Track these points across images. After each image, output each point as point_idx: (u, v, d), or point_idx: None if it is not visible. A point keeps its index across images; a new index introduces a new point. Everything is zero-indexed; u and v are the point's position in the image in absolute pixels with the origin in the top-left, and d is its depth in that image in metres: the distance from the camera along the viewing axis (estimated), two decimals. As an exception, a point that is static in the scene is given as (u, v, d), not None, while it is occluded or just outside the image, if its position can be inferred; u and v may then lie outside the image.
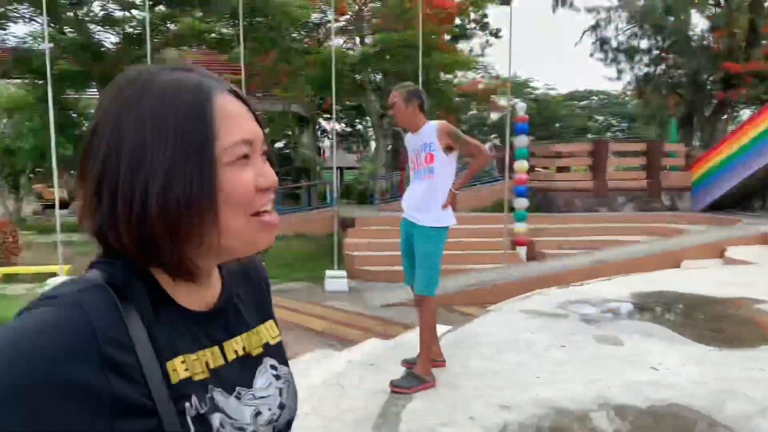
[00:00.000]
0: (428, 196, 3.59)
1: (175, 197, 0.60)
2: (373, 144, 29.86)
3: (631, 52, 22.01)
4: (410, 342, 4.57)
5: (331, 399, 3.51)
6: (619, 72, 22.78)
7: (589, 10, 22.24)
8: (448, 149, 3.57)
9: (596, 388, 3.58)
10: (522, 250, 10.71)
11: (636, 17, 20.85)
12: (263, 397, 0.72)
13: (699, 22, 21.10)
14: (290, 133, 22.70)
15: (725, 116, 22.09)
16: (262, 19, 15.84)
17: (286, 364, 0.79)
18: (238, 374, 0.71)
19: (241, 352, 0.72)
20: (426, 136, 3.59)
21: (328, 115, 23.28)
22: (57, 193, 9.90)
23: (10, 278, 10.73)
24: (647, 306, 5.94)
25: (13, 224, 12.83)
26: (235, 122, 0.65)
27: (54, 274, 9.35)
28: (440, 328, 4.54)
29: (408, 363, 3.79)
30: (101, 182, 0.62)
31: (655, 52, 21.66)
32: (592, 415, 3.25)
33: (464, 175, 3.78)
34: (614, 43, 22.34)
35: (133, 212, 0.60)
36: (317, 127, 25.35)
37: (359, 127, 30.48)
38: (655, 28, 20.68)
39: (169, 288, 0.66)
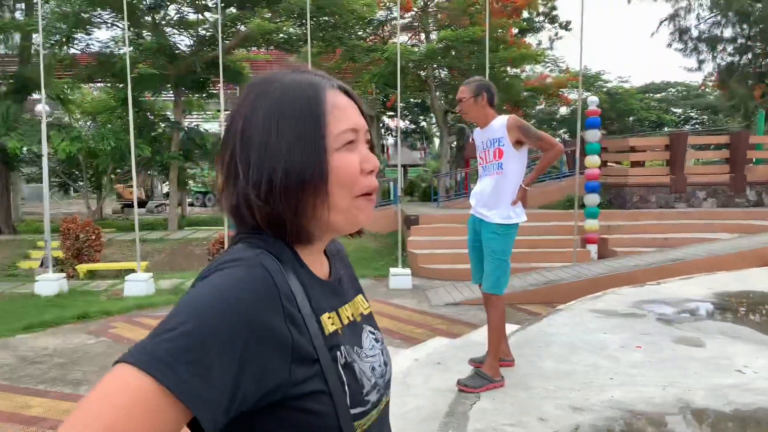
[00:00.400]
0: (497, 192, 3.49)
1: (294, 178, 0.71)
2: (437, 141, 29.74)
3: (713, 42, 20.81)
4: (476, 341, 4.49)
5: (397, 397, 3.48)
6: (700, 62, 21.62)
7: (668, -1, 21.22)
8: (518, 144, 3.46)
9: (675, 392, 3.38)
10: (593, 248, 10.34)
11: (720, 5, 19.67)
12: (373, 356, 0.82)
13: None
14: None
15: (819, 106, 20.46)
16: (328, 18, 16.05)
17: (379, 330, 0.90)
18: (352, 336, 0.80)
19: (351, 318, 0.82)
20: (495, 131, 3.50)
21: (392, 113, 23.34)
22: (135, 193, 10.40)
23: (92, 274, 11.39)
24: (731, 306, 5.59)
25: (96, 223, 13.58)
26: (343, 113, 0.75)
27: (132, 270, 9.84)
28: (508, 328, 4.44)
29: (475, 362, 3.71)
30: (236, 167, 0.73)
31: (741, 40, 20.38)
32: (670, 419, 3.07)
33: (534, 170, 3.65)
34: (695, 33, 21.22)
35: (262, 191, 0.71)
36: (381, 124, 25.47)
37: (423, 124, 30.38)
38: (741, 16, 19.43)
39: (304, 257, 0.77)
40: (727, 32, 20.58)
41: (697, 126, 30.87)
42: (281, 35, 16.55)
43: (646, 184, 12.73)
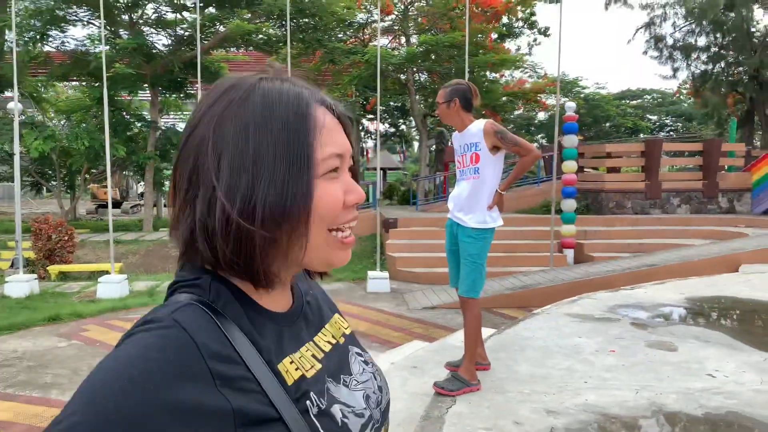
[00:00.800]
0: (474, 197, 3.50)
1: (276, 208, 0.59)
2: (416, 144, 29.83)
3: (687, 50, 21.23)
4: (453, 345, 4.50)
5: (372, 399, 3.46)
6: (675, 70, 22.03)
7: (644, 7, 21.60)
8: (495, 149, 3.47)
9: (648, 395, 3.43)
10: (569, 253, 10.45)
11: (694, 14, 20.08)
12: (365, 381, 0.72)
13: (763, 18, 20.19)
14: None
15: (789, 115, 20.98)
16: (308, 20, 16.01)
17: (366, 351, 0.80)
18: (337, 364, 0.71)
19: (332, 342, 0.73)
20: (471, 136, 3.51)
21: (372, 116, 23.37)
22: (110, 193, 10.23)
23: (65, 276, 11.17)
24: (703, 311, 5.69)
25: (69, 224, 13.33)
26: (329, 136, 0.64)
27: (106, 272, 9.67)
28: (485, 331, 4.46)
29: (452, 366, 3.72)
30: (197, 187, 0.60)
31: (714, 49, 20.81)
32: (643, 422, 3.11)
33: (510, 175, 3.65)
34: (670, 41, 21.62)
35: (232, 219, 0.58)
36: (360, 127, 25.47)
37: (402, 127, 30.46)
38: (715, 25, 19.85)
39: (253, 294, 0.65)
40: (701, 41, 21.03)
41: (671, 133, 31.48)
42: (260, 36, 16.46)
43: (622, 189, 12.92)
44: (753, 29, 19.82)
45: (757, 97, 19.84)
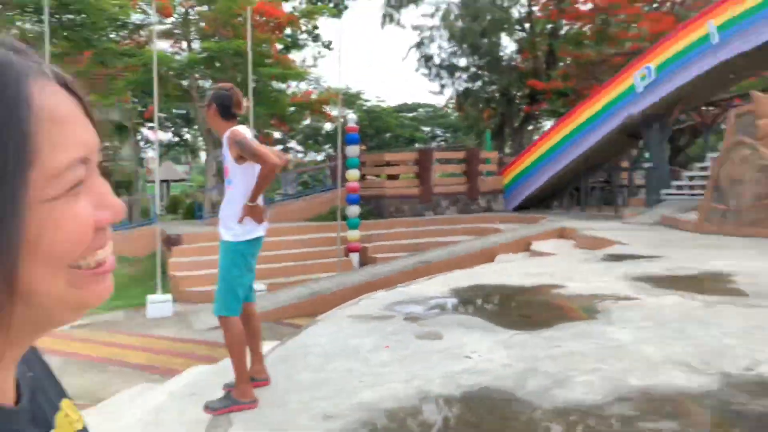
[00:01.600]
0: (227, 209, 3.40)
1: None
2: (203, 154, 28.67)
3: (451, 69, 23.72)
4: (234, 362, 4.39)
5: None
6: (442, 86, 24.46)
7: (415, 28, 23.60)
8: (240, 158, 3.35)
9: (417, 384, 3.70)
10: (355, 257, 10.93)
11: (456, 37, 22.54)
12: None
13: (509, 45, 23.54)
14: (107, 143, 21.01)
15: (531, 127, 24.77)
16: (73, 16, 14.48)
17: None
18: None
19: None
20: (224, 146, 3.40)
21: (152, 124, 21.88)
22: None
23: None
24: (465, 300, 6.34)
25: None
26: (66, 130, 0.42)
27: None
28: (268, 344, 4.43)
29: (229, 387, 3.61)
30: None
31: (473, 69, 23.58)
32: (412, 410, 3.35)
33: (254, 186, 3.40)
34: (437, 60, 23.94)
35: None
36: (139, 136, 23.69)
37: (187, 136, 29.05)
38: (473, 48, 22.51)
39: None
40: (463, 62, 23.67)
41: (442, 143, 34.80)
42: (14, 32, 14.39)
43: (400, 195, 13.93)
44: (501, 53, 22.91)
45: (506, 112, 23.01)
